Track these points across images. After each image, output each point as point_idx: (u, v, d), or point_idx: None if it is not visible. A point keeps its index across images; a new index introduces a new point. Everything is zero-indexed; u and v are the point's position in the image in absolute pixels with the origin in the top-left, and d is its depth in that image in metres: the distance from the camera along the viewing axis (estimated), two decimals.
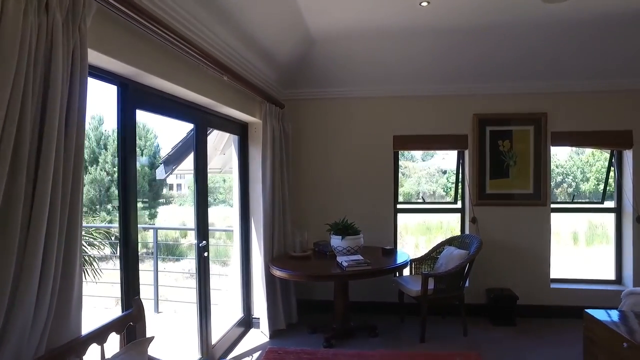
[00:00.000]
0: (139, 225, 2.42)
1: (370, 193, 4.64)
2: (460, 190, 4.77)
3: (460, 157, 4.71)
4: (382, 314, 4.54)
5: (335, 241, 3.86)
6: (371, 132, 4.63)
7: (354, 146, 4.66)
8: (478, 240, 4.10)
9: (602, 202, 4.86)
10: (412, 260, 4.39)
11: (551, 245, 4.48)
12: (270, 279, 3.91)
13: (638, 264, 4.37)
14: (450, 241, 4.49)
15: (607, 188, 4.79)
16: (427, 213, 5.02)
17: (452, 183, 5.49)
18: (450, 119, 4.54)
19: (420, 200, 5.15)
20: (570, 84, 4.33)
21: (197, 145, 3.18)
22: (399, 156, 4.80)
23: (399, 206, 4.77)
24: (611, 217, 4.64)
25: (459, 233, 4.72)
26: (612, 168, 4.65)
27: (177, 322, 4.80)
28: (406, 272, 4.36)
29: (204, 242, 3.19)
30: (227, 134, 4.78)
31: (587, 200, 7.08)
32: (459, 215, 4.76)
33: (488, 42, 3.94)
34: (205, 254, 3.22)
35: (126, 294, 2.29)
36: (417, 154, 4.33)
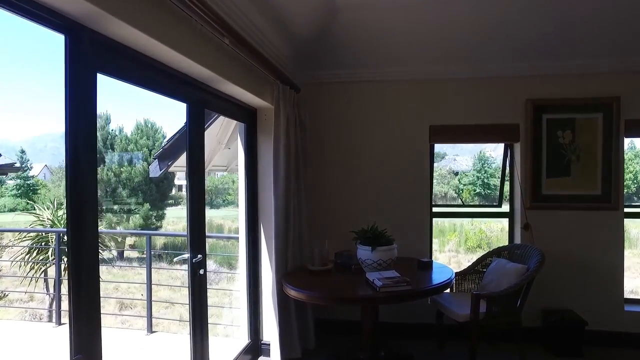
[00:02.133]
0: (127, 230, 1.72)
1: (403, 194, 3.91)
2: (507, 192, 4.01)
3: (509, 151, 3.95)
4: (417, 338, 3.82)
5: (364, 253, 3.14)
6: (404, 121, 3.90)
7: (383, 138, 3.93)
8: (538, 253, 3.34)
9: None
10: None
11: (624, 257, 3.70)
12: (282, 298, 3.21)
13: None
14: (498, 252, 3.73)
15: None
16: (467, 218, 4.26)
17: (464, 185, 4.75)
18: (499, 105, 3.79)
19: (459, 203, 4.37)
20: None
21: (190, 131, 2.48)
22: None
23: (434, 209, 4.03)
24: None
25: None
26: None
27: (175, 345, 4.10)
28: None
29: (200, 256, 2.48)
30: (233, 125, 4.10)
31: None
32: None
33: (546, 7, 3.17)
34: (202, 271, 2.52)
35: (74, 342, 1.57)
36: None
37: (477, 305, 3.06)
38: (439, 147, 4.62)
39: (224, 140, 4.28)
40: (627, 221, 3.83)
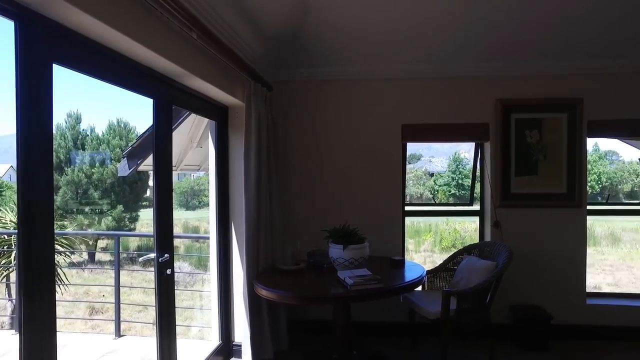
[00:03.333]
0: (96, 232, 1.65)
1: (375, 193, 3.92)
2: (478, 190, 4.07)
3: (479, 151, 4.02)
4: (389, 336, 3.84)
5: (336, 251, 3.13)
6: (376, 120, 3.91)
7: (357, 137, 3.93)
8: (507, 250, 3.40)
9: None
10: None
11: (586, 253, 3.81)
12: (254, 298, 3.16)
13: None
14: (469, 250, 3.78)
15: None
16: (439, 217, 4.31)
17: (439, 186, 4.83)
18: (470, 105, 3.85)
19: (431, 202, 4.42)
20: (612, 64, 3.67)
21: (157, 128, 2.41)
22: None
23: (407, 208, 4.05)
24: None
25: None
26: None
27: (143, 348, 3.99)
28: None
29: (167, 256, 2.42)
30: (205, 122, 4.03)
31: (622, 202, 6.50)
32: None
33: (508, 9, 3.25)
34: (169, 271, 2.45)
35: (25, 351, 1.48)
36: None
37: (448, 303, 3.09)
38: (414, 149, 4.68)
39: (195, 138, 4.20)
40: (591, 220, 3.96)
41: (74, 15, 1.54)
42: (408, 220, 4.21)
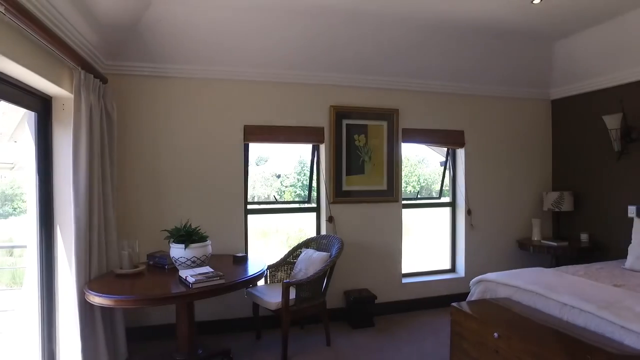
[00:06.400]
0: None
1: (217, 192, 3.97)
2: (315, 188, 4.47)
3: (316, 152, 4.41)
4: (236, 332, 3.94)
5: (177, 251, 3.08)
6: (218, 120, 3.96)
7: (197, 136, 3.92)
8: (339, 241, 3.84)
9: (439, 198, 5.19)
10: (267, 267, 3.89)
11: (402, 240, 4.54)
12: (86, 307, 2.90)
13: (468, 253, 4.76)
14: (307, 243, 4.13)
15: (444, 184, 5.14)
16: (281, 213, 4.58)
17: (286, 187, 5.24)
18: (308, 109, 4.20)
19: (272, 200, 4.68)
20: (419, 83, 4.47)
21: None
22: None
23: (249, 207, 4.21)
24: (447, 211, 4.98)
25: (307, 235, 4.41)
26: (448, 165, 4.98)
27: None
28: (260, 281, 3.83)
29: None
30: (22, 113, 3.50)
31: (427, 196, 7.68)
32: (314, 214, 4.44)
33: (346, 29, 3.75)
34: None
35: None
36: (251, 158, 3.86)
37: (288, 293, 3.34)
38: (261, 151, 4.85)
39: (7, 131, 3.60)
40: (411, 213, 4.72)
41: None
42: (258, 222, 4.38)
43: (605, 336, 2.27)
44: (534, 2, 3.35)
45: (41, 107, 2.93)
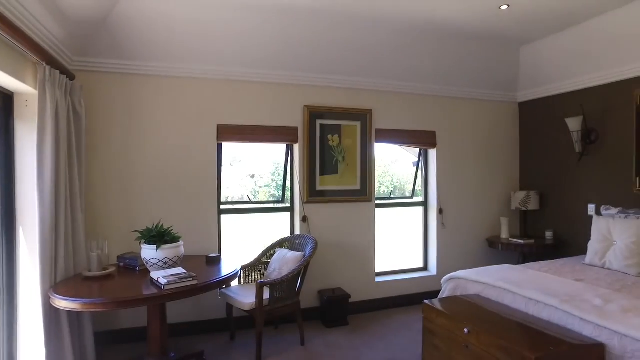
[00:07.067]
0: None
1: (190, 192, 3.91)
2: (289, 188, 4.46)
3: (290, 152, 4.41)
4: (209, 334, 3.89)
5: (149, 252, 3.02)
6: (191, 119, 3.90)
7: (169, 135, 3.84)
8: (312, 241, 3.85)
9: (411, 197, 5.28)
10: (241, 268, 3.86)
11: (376, 239, 4.59)
12: (51, 312, 2.80)
13: (440, 251, 4.87)
14: (281, 243, 4.12)
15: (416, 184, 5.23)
16: (254, 213, 4.55)
17: (260, 187, 5.22)
18: (282, 109, 4.20)
19: (245, 200, 4.65)
20: (392, 84, 4.53)
21: None
22: None
23: (222, 207, 4.17)
24: (420, 210, 5.08)
25: (287, 234, 4.40)
26: (420, 166, 5.08)
27: None
28: (234, 281, 3.80)
29: None
30: None
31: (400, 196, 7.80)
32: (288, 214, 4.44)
33: (320, 30, 3.78)
34: None
35: None
36: (225, 159, 3.87)
37: (262, 293, 3.32)
38: (236, 152, 4.81)
39: None
40: (384, 213, 4.78)
41: None
42: (232, 223, 4.34)
43: (567, 328, 2.39)
44: (501, 7, 3.47)
45: (2, 103, 2.81)
